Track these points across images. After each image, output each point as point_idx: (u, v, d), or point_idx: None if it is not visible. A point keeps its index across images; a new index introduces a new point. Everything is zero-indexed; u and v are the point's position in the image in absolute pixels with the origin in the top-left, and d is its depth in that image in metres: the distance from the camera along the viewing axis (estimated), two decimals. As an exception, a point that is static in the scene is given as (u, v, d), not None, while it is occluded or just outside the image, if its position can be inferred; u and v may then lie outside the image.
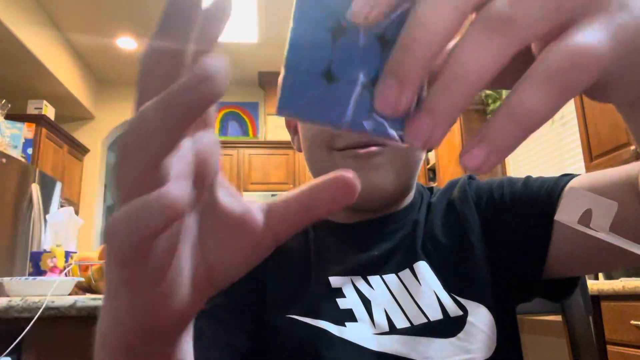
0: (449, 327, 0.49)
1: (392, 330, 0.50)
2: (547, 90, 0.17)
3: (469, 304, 0.51)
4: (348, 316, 0.51)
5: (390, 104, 0.18)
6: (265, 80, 4.92)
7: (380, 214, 0.58)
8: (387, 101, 0.18)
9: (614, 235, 0.24)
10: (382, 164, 0.53)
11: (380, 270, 0.54)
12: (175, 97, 0.17)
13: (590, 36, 0.18)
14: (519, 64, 0.20)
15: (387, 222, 0.58)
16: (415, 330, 0.49)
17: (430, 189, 0.65)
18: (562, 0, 0.18)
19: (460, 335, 0.49)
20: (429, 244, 0.56)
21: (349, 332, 0.49)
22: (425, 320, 0.50)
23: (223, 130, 5.08)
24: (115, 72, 4.85)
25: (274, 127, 4.80)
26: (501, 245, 0.54)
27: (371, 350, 0.49)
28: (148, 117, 0.17)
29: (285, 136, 4.76)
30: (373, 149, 0.52)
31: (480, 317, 0.50)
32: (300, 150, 0.62)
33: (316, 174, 0.57)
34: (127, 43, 4.29)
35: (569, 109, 2.84)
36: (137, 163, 0.17)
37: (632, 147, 2.02)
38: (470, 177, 0.63)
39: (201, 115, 0.17)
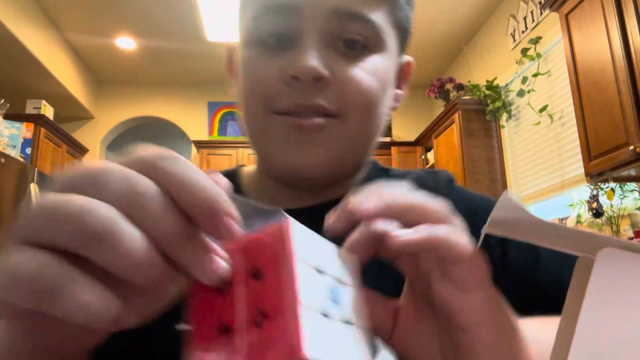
0: None
1: None
2: None
3: None
4: None
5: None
6: (265, 80, 4.91)
7: (327, 199, 0.51)
8: None
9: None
10: (325, 140, 0.46)
11: None
12: None
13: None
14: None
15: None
16: None
17: (385, 170, 0.58)
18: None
19: None
20: None
21: None
22: None
23: (222, 130, 5.08)
24: (115, 72, 4.84)
25: (273, 127, 4.80)
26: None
27: None
28: None
29: (285, 136, 4.77)
30: (318, 121, 0.45)
31: None
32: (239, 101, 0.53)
33: (254, 138, 0.51)
34: (127, 43, 4.29)
35: (568, 109, 2.84)
36: None
37: (631, 147, 2.02)
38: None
39: None
